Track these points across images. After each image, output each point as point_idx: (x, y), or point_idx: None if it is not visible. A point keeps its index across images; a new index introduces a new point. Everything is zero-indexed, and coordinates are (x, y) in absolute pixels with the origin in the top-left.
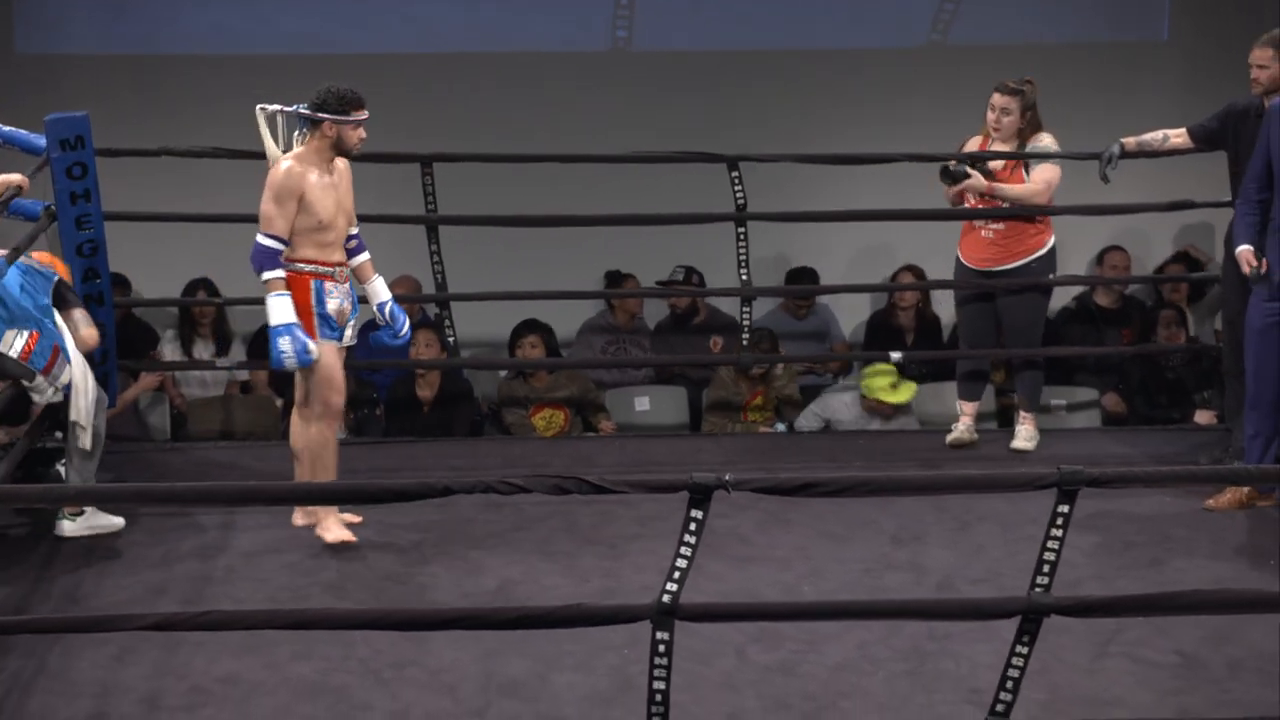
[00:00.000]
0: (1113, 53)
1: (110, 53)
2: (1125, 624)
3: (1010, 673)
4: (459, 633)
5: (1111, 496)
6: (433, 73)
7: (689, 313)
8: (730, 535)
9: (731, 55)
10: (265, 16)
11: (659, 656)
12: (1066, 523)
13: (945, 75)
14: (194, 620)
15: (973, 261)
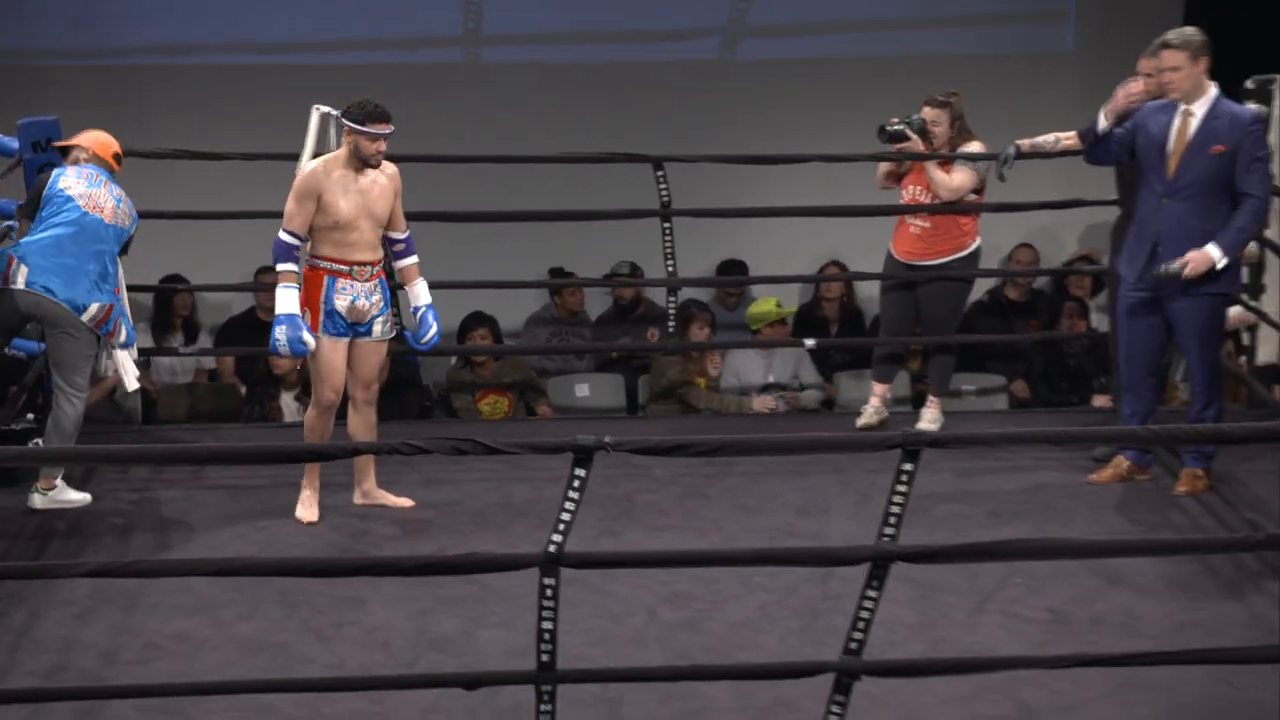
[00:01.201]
0: (1020, 64)
1: (83, 63)
2: (1003, 585)
3: (861, 614)
4: (395, 594)
5: (1005, 472)
6: (387, 82)
7: (631, 305)
8: (651, 508)
9: (669, 65)
10: (228, 29)
11: (546, 600)
12: (910, 479)
13: (866, 85)
14: (124, 569)
15: (901, 254)
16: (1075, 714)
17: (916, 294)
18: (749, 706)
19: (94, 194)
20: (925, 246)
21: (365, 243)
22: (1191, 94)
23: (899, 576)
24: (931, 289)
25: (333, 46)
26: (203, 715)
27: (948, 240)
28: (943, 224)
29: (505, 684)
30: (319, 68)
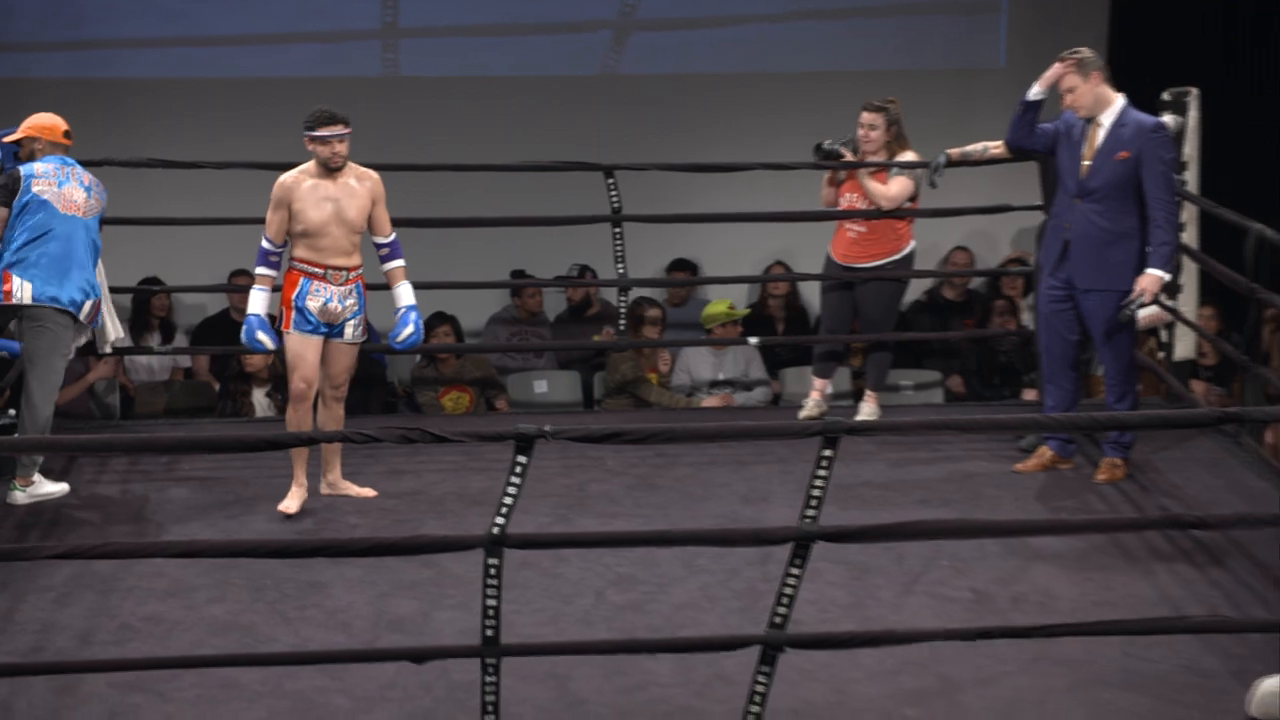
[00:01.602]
0: (955, 78)
1: (66, 76)
2: (930, 567)
3: (786, 590)
4: (356, 579)
5: (936, 462)
6: (360, 94)
7: (583, 305)
8: (603, 497)
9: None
10: (203, 46)
11: (490, 579)
12: (830, 465)
13: (808, 98)
14: (94, 551)
15: (839, 257)
16: (994, 686)
17: (854, 294)
18: (689, 681)
19: (66, 192)
20: (861, 250)
21: (339, 248)
22: (1095, 108)
23: (832, 559)
24: (868, 289)
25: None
26: (174, 692)
27: (883, 244)
28: (878, 228)
29: (451, 657)
30: (293, 81)
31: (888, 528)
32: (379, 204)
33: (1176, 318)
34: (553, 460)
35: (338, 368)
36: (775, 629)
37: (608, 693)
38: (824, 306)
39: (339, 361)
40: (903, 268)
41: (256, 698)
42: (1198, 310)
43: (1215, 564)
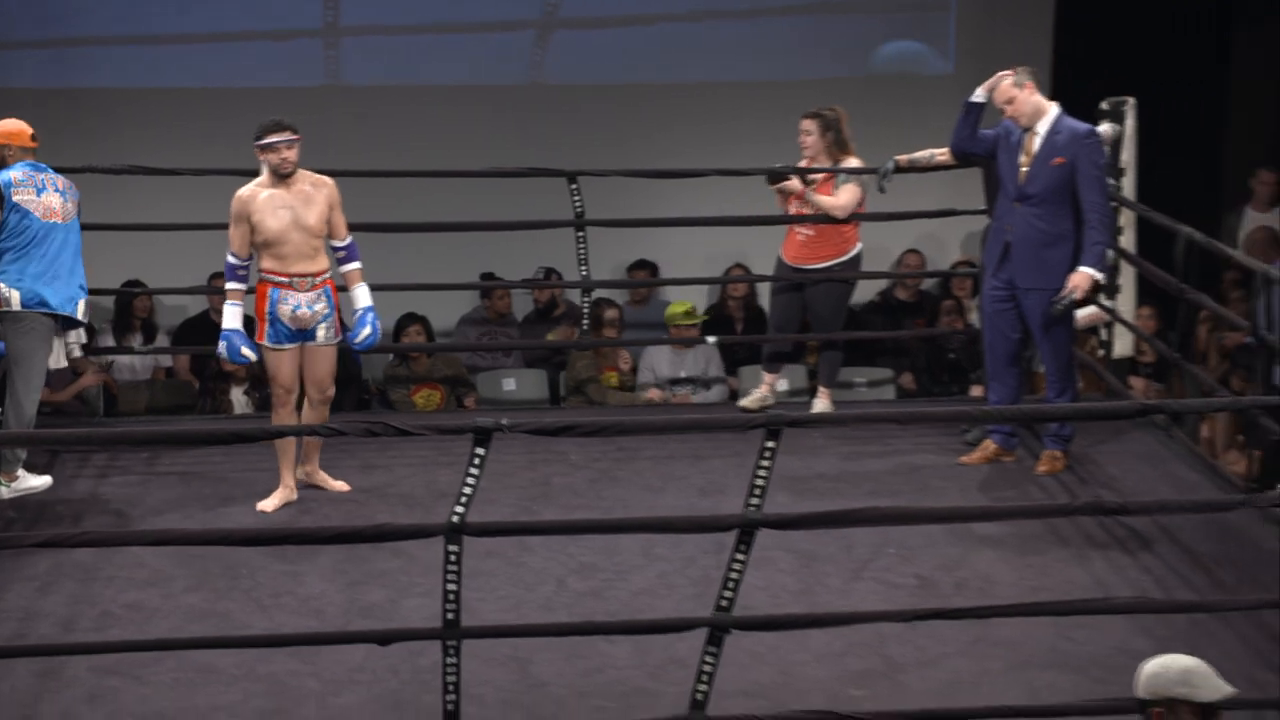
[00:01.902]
0: (907, 85)
1: (48, 87)
2: (877, 555)
3: (731, 575)
4: (329, 568)
5: (886, 455)
6: (335, 103)
7: (549, 306)
8: (566, 490)
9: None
10: (180, 55)
11: (450, 564)
12: (773, 456)
13: (765, 105)
14: (74, 539)
15: (789, 259)
16: (935, 667)
17: (804, 295)
18: (645, 664)
19: (45, 200)
20: (810, 252)
21: (300, 254)
22: (1033, 117)
23: (783, 548)
24: (817, 291)
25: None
26: (151, 675)
27: (831, 246)
28: (826, 232)
29: (414, 640)
30: (269, 91)
31: (826, 515)
32: (335, 209)
33: (1114, 317)
34: (519, 455)
35: (319, 372)
36: (721, 612)
37: (568, 675)
38: (774, 307)
39: (318, 365)
40: (850, 268)
41: (232, 681)
42: (1136, 310)
43: (1146, 550)
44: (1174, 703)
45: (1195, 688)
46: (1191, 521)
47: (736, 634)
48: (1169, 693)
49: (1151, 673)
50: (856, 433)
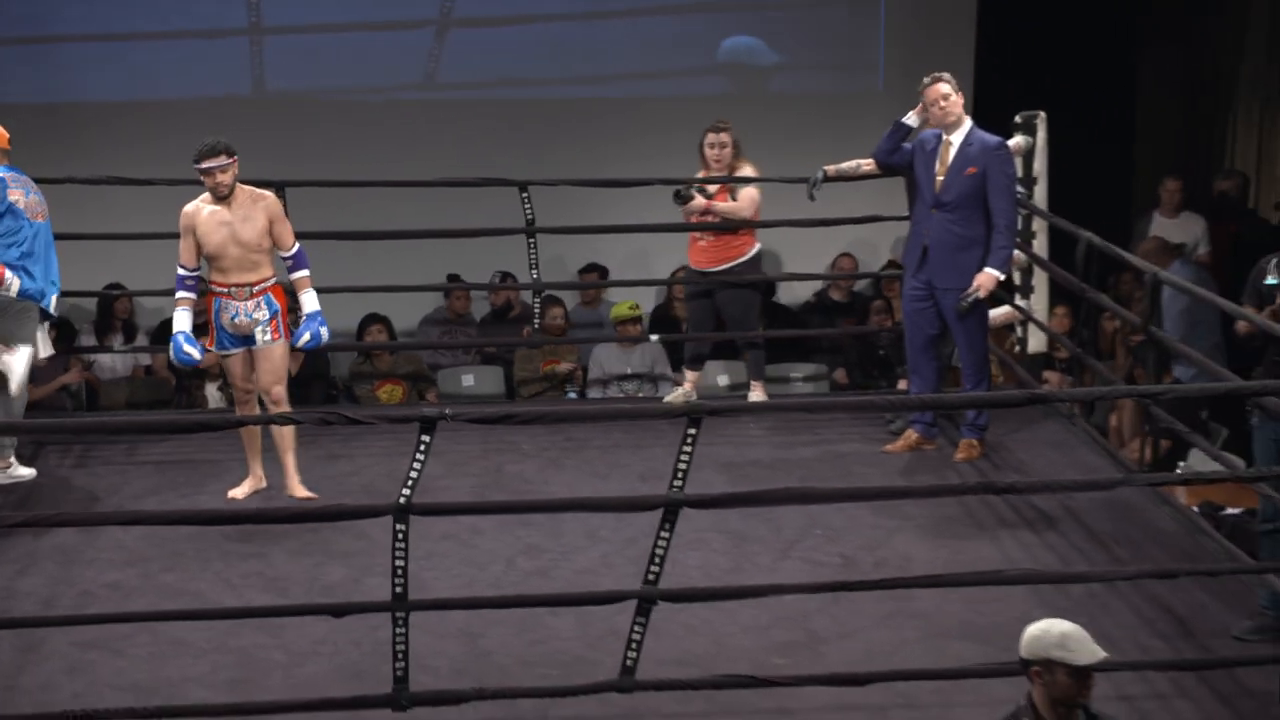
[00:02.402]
0: (838, 101)
1: (31, 101)
2: (804, 536)
3: (657, 551)
4: (296, 548)
5: (816, 444)
6: (317, 116)
7: (505, 308)
8: (516, 477)
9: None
10: (154, 70)
11: (399, 542)
12: (694, 442)
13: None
14: (51, 519)
15: (695, 264)
16: (854, 639)
17: (715, 299)
18: (585, 635)
19: (31, 201)
20: (712, 256)
21: (239, 267)
22: (958, 121)
23: (717, 530)
24: (725, 294)
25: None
26: (129, 649)
27: (730, 249)
28: (725, 236)
29: (365, 612)
30: (247, 101)
31: (741, 495)
32: (277, 221)
33: (1026, 316)
34: (474, 445)
35: (262, 373)
36: (649, 585)
37: (514, 647)
38: (689, 311)
39: (261, 367)
40: (751, 268)
41: (202, 654)
42: (1053, 309)
43: (1051, 529)
44: (1051, 663)
45: (1071, 651)
46: (1094, 504)
47: (673, 609)
48: (1047, 654)
49: (1033, 635)
50: (790, 424)
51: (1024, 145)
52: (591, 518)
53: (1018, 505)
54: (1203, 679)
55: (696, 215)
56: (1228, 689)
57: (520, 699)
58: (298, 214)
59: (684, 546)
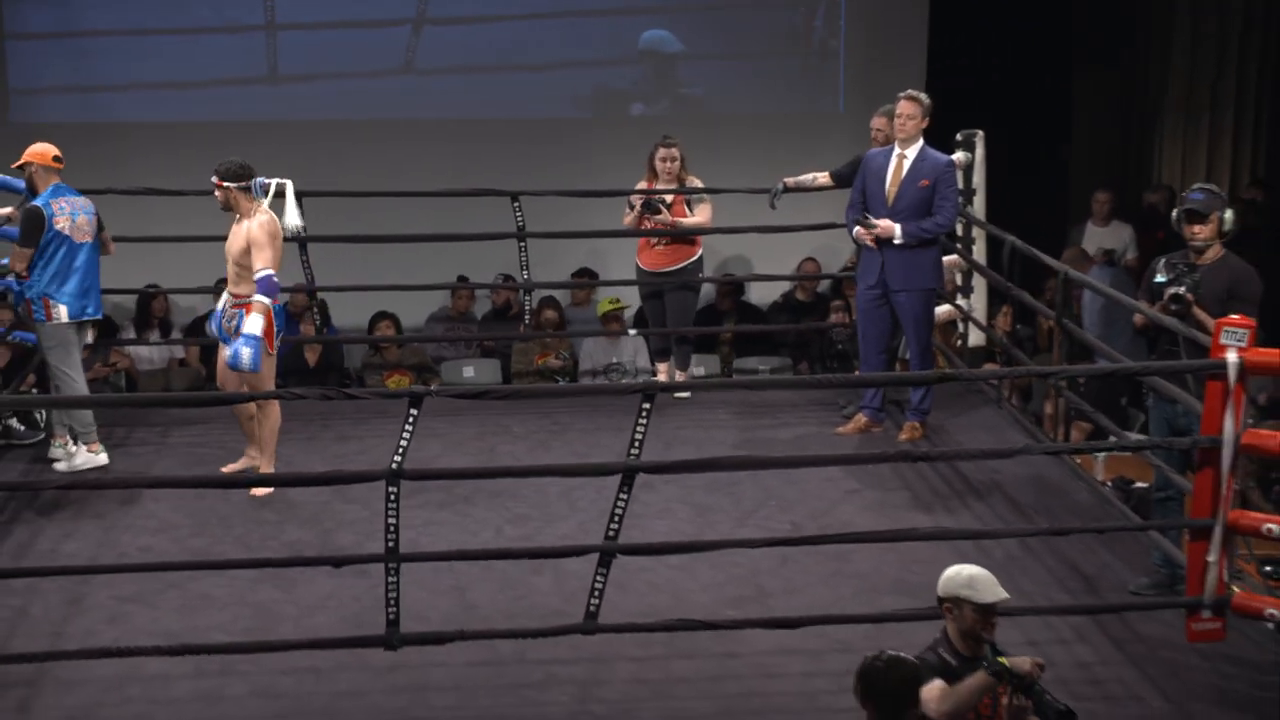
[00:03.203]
0: (802, 121)
1: (75, 120)
2: (760, 507)
3: (616, 511)
4: (308, 517)
5: (776, 427)
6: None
7: (505, 307)
8: (508, 456)
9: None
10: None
11: (390, 503)
12: (649, 415)
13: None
14: (93, 483)
15: (649, 265)
16: (798, 594)
17: (663, 298)
18: (561, 591)
19: (78, 222)
20: (666, 258)
21: (233, 278)
22: (908, 141)
23: (683, 501)
24: (674, 296)
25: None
26: (162, 602)
27: (679, 253)
28: (676, 242)
29: (361, 563)
30: (266, 124)
31: (688, 462)
32: (253, 245)
33: (965, 315)
34: (471, 428)
35: (229, 376)
36: (609, 540)
37: (499, 601)
38: (648, 310)
39: (229, 371)
40: (696, 269)
41: (224, 606)
42: (999, 309)
43: (980, 500)
44: (959, 600)
45: (976, 590)
46: (1020, 480)
47: (640, 570)
48: (957, 593)
49: (946, 577)
50: (754, 410)
51: (964, 161)
52: (572, 491)
53: (952, 481)
54: (1100, 626)
55: (657, 223)
56: (1121, 635)
57: (499, 640)
58: (316, 221)
59: (652, 516)
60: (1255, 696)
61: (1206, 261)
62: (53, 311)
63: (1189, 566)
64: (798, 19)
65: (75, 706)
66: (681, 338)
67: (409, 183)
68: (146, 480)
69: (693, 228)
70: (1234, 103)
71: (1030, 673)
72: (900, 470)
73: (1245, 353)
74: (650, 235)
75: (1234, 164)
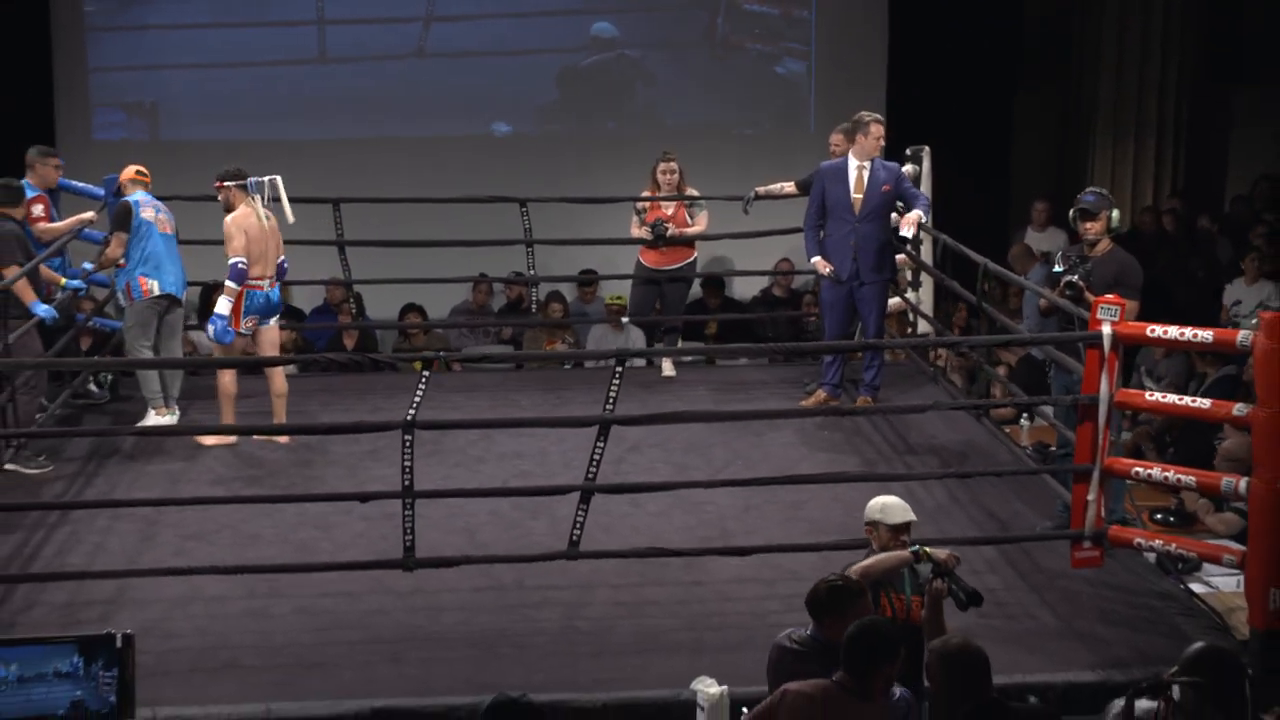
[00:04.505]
0: (775, 140)
1: (148, 139)
2: (730, 464)
3: (594, 456)
4: (343, 474)
5: (748, 400)
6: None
7: (518, 301)
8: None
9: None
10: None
11: (406, 449)
12: (621, 377)
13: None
14: (161, 430)
15: (650, 263)
16: (757, 534)
17: (661, 291)
18: (556, 533)
19: (159, 218)
20: (667, 258)
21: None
22: (866, 155)
23: (664, 461)
24: (671, 288)
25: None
26: (219, 539)
27: (680, 253)
28: (676, 245)
29: (382, 499)
30: (310, 143)
31: (655, 415)
32: (225, 237)
33: (913, 308)
34: (484, 401)
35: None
36: (589, 481)
37: (503, 540)
38: (639, 295)
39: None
40: (692, 269)
41: (271, 543)
42: (934, 301)
43: (916, 458)
44: (876, 524)
45: (887, 514)
46: (953, 444)
47: (623, 516)
48: (873, 517)
49: (869, 506)
50: (729, 387)
51: (912, 173)
52: (568, 451)
53: (895, 445)
54: (1008, 560)
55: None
56: (1025, 567)
57: (501, 570)
58: (353, 227)
59: (638, 474)
60: (1130, 615)
61: (1097, 254)
62: (146, 286)
63: (1073, 505)
64: (775, 51)
65: (147, 619)
66: (671, 326)
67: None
68: (200, 429)
69: (694, 234)
70: (1155, 125)
71: (946, 560)
72: (851, 439)
73: (1117, 326)
74: (649, 245)
75: (1156, 178)
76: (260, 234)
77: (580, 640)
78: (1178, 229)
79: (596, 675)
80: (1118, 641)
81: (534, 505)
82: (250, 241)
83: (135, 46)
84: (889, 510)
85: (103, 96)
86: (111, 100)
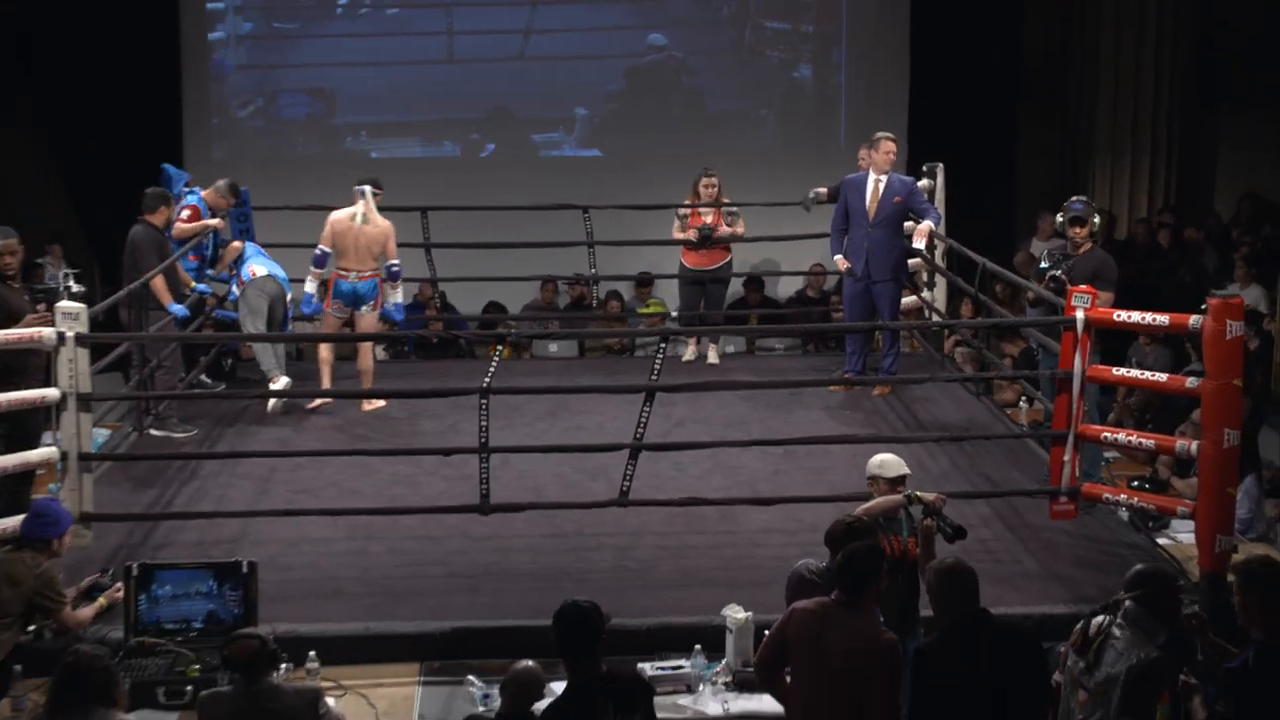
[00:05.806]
0: (812, 153)
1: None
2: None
3: (641, 419)
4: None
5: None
6: (438, 170)
7: (580, 299)
8: (577, 400)
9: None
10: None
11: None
12: (663, 354)
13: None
14: (277, 393)
15: (691, 264)
16: (783, 493)
17: (704, 290)
18: (610, 490)
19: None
20: (707, 259)
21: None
22: (883, 169)
23: (705, 434)
24: (713, 288)
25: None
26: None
27: (718, 255)
28: (713, 247)
29: (461, 454)
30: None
31: (693, 384)
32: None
33: (927, 305)
34: (549, 380)
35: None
36: (636, 440)
37: (557, 489)
38: (686, 295)
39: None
40: (729, 269)
41: (369, 498)
42: (948, 301)
43: (924, 432)
44: (875, 478)
45: (885, 469)
46: (958, 419)
47: (670, 477)
48: (873, 472)
49: (869, 462)
50: (766, 373)
51: (927, 187)
52: (621, 426)
53: (908, 422)
54: (999, 516)
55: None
56: (1014, 522)
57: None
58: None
59: (681, 437)
60: (1101, 561)
61: (1079, 253)
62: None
63: (1051, 465)
64: (810, 72)
65: (264, 556)
66: (715, 321)
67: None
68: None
69: (730, 237)
70: (1150, 145)
71: (934, 501)
72: (870, 418)
73: (1089, 311)
74: (691, 246)
75: (1150, 194)
76: (348, 231)
77: (629, 576)
78: (1170, 241)
79: (643, 604)
80: (1088, 582)
81: (593, 469)
82: (335, 235)
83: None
84: (886, 465)
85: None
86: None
